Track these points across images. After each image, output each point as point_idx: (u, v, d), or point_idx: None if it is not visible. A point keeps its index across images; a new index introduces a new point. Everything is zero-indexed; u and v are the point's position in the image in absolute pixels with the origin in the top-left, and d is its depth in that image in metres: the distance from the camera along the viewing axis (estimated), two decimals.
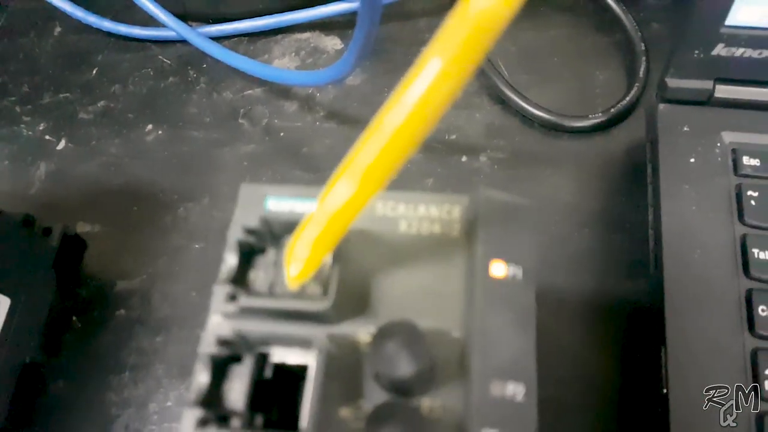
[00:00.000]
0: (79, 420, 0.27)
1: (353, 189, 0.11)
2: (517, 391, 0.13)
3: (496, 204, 0.14)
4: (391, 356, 0.12)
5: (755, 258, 0.24)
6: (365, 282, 0.14)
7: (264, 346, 0.14)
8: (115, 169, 0.32)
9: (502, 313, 0.13)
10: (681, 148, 0.26)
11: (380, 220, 0.15)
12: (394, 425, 0.11)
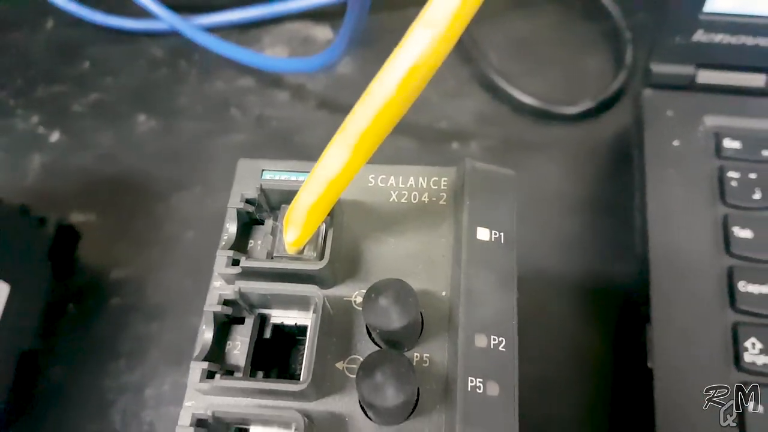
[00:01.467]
0: (77, 406, 0.28)
1: (347, 155, 0.12)
2: (499, 344, 0.14)
3: (480, 174, 0.15)
4: (383, 310, 0.13)
5: (736, 237, 0.26)
6: (358, 248, 0.16)
7: (264, 309, 0.15)
8: (108, 160, 0.33)
9: (485, 273, 0.15)
10: (665, 131, 0.28)
11: (372, 192, 0.16)
12: (385, 369, 0.13)
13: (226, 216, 0.15)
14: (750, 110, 0.28)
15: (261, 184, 0.15)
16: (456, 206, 0.16)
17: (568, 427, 0.26)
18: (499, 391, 0.14)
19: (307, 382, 0.13)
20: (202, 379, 0.13)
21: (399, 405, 0.13)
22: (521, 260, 0.29)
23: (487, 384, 0.14)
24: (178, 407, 0.27)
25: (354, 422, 0.14)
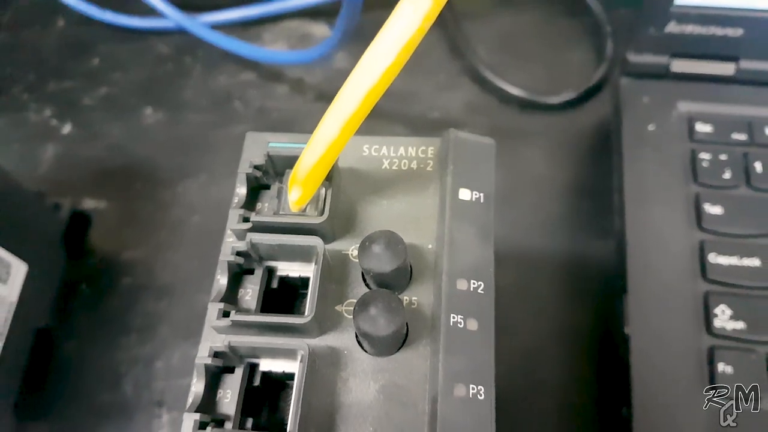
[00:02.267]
0: (90, 378, 0.30)
1: (345, 118, 0.15)
2: (478, 287, 0.16)
3: (463, 142, 0.18)
4: (376, 255, 0.15)
5: (707, 213, 0.28)
6: (354, 209, 0.18)
7: (272, 261, 0.17)
8: (117, 150, 0.35)
9: (467, 228, 0.17)
10: (641, 117, 0.30)
11: (366, 160, 0.18)
12: (378, 303, 0.15)
13: (236, 180, 0.17)
14: (721, 96, 0.30)
15: (268, 150, 0.17)
16: (441, 172, 0.18)
17: (555, 392, 0.28)
18: (477, 326, 0.16)
19: (311, 316, 0.15)
20: (219, 317, 0.15)
21: (390, 335, 0.15)
22: (507, 240, 0.31)
23: (467, 320, 0.16)
24: (187, 378, 0.29)
25: (351, 354, 0.16)
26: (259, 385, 0.16)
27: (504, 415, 0.25)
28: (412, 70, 0.35)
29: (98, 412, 0.29)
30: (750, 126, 0.29)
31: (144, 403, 0.29)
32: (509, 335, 0.29)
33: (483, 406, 0.15)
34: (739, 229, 0.27)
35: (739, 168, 0.29)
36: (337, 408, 0.15)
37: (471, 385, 0.15)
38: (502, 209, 0.27)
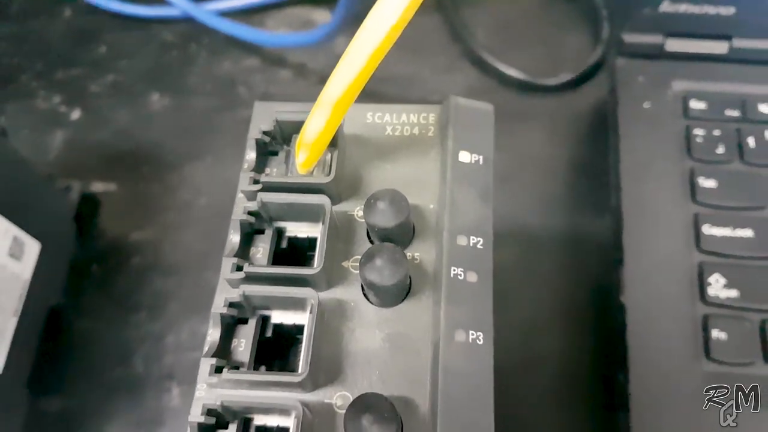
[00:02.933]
0: (101, 354, 0.31)
1: (350, 79, 0.16)
2: (477, 242, 0.17)
3: (463, 107, 0.19)
4: (381, 211, 0.16)
5: (701, 186, 0.29)
6: (359, 173, 0.19)
7: (281, 221, 0.18)
8: (125, 135, 0.36)
9: (467, 188, 0.18)
10: (637, 95, 0.31)
11: (370, 127, 0.19)
12: (383, 255, 0.16)
13: (246, 146, 0.18)
14: (714, 75, 0.31)
15: (276, 117, 0.18)
16: (442, 136, 0.19)
17: (554, 362, 0.29)
18: (477, 278, 0.17)
19: (320, 267, 0.16)
20: (233, 270, 0.16)
21: (395, 284, 0.16)
22: (508, 217, 0.32)
23: (467, 273, 0.17)
24: (195, 352, 0.30)
25: (357, 306, 0.17)
26: (271, 336, 0.17)
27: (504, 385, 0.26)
28: (412, 54, 0.36)
29: (110, 386, 0.30)
30: (743, 103, 0.30)
31: (155, 377, 0.30)
32: (509, 309, 0.30)
33: (483, 350, 0.16)
34: (732, 202, 0.28)
35: (732, 143, 0.30)
36: (345, 355, 0.16)
37: (471, 331, 0.16)
38: (502, 188, 0.28)
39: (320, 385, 0.16)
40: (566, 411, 0.28)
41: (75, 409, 0.30)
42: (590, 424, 0.28)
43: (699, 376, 0.26)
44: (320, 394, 0.16)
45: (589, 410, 0.28)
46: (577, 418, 0.28)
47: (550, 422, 0.28)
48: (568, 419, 0.28)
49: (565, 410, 0.28)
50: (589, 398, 0.28)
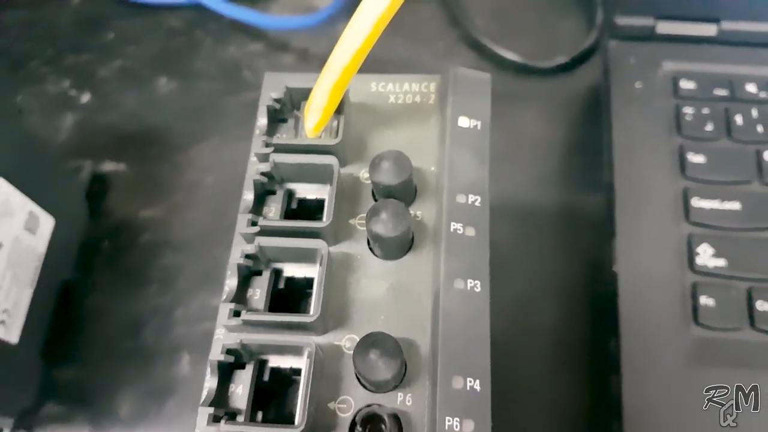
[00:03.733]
0: (113, 327, 0.32)
1: (357, 44, 0.17)
2: (475, 201, 0.18)
3: (462, 76, 0.20)
4: (385, 170, 0.18)
5: (690, 162, 0.30)
6: (364, 138, 0.20)
7: (292, 183, 0.19)
8: (134, 118, 0.37)
9: (465, 151, 0.19)
10: (628, 76, 0.32)
11: (374, 96, 0.21)
12: (388, 209, 0.17)
13: (257, 112, 0.20)
14: (703, 56, 0.33)
15: (286, 84, 0.19)
16: (442, 104, 0.20)
17: (548, 332, 0.31)
18: (474, 233, 0.18)
19: (328, 222, 0.17)
20: (248, 226, 0.18)
21: (399, 236, 0.17)
22: (505, 194, 0.34)
23: (465, 228, 0.18)
24: (204, 324, 0.32)
25: (364, 259, 0.18)
26: (283, 288, 0.18)
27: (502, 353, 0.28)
28: (412, 39, 0.38)
29: (121, 357, 0.32)
30: (731, 83, 0.32)
31: (165, 348, 0.31)
32: (505, 281, 0.31)
33: (479, 297, 0.17)
34: (720, 177, 0.30)
35: (720, 121, 0.31)
36: (352, 303, 0.18)
37: (468, 280, 0.17)
38: (499, 166, 0.29)
39: (330, 329, 0.17)
40: (561, 377, 0.29)
41: (87, 378, 0.31)
42: (584, 389, 0.29)
43: (687, 340, 0.27)
44: (330, 337, 0.17)
45: (584, 375, 0.29)
46: (571, 383, 0.29)
47: (546, 388, 0.29)
48: (563, 384, 0.29)
49: (560, 376, 0.29)
50: (583, 364, 0.30)
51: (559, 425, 0.28)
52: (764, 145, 0.30)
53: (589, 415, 0.28)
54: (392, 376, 0.16)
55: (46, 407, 0.31)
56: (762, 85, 0.32)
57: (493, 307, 0.18)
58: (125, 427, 0.30)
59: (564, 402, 0.29)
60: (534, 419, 0.29)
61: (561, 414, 0.29)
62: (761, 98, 0.31)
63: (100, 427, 0.31)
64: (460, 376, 0.16)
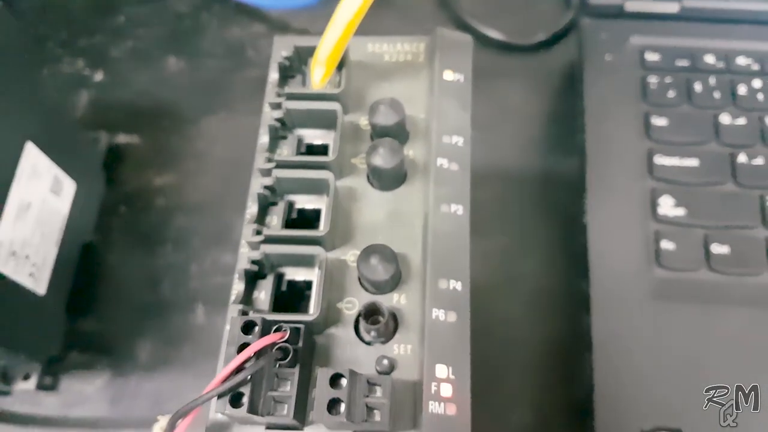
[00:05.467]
0: (132, 283, 0.35)
1: (356, 5, 0.20)
2: (458, 141, 0.22)
3: (447, 37, 0.23)
4: (382, 112, 0.21)
5: (654, 125, 0.34)
6: (363, 91, 0.24)
7: (302, 128, 0.23)
8: (145, 94, 0.41)
9: (449, 100, 0.23)
10: (600, 49, 0.36)
11: (371, 55, 0.24)
12: (384, 144, 0.20)
13: (269, 69, 0.23)
14: (667, 31, 0.36)
15: (295, 43, 0.23)
16: (430, 61, 0.24)
17: (527, 279, 0.34)
18: (458, 167, 0.21)
19: (335, 156, 0.21)
20: (264, 163, 0.21)
21: (395, 167, 0.20)
22: (488, 161, 0.37)
23: (450, 164, 0.21)
24: (217, 278, 0.35)
25: (364, 191, 0.22)
26: (296, 217, 0.22)
27: (486, 298, 0.31)
28: (402, 20, 0.41)
29: (140, 309, 0.35)
30: (691, 54, 0.35)
31: (181, 300, 0.35)
32: (491, 236, 0.35)
33: (461, 218, 0.21)
34: (680, 137, 0.33)
35: (682, 89, 0.35)
36: (355, 227, 0.21)
37: (452, 204, 0.21)
38: (483, 135, 0.33)
39: (336, 246, 0.21)
40: (540, 316, 0.33)
41: (108, 329, 0.35)
42: (560, 326, 0.32)
43: (650, 280, 0.31)
44: (337, 253, 0.21)
45: (559, 315, 0.33)
46: (548, 321, 0.33)
47: (526, 327, 0.33)
48: (541, 323, 0.33)
49: (538, 316, 0.33)
50: (559, 305, 0.33)
51: (537, 357, 0.32)
52: (720, 110, 0.34)
53: (564, 348, 0.32)
54: (390, 277, 0.19)
55: (70, 356, 0.34)
56: (719, 57, 0.35)
57: (479, 258, 0.22)
58: (144, 372, 0.34)
59: (542, 337, 0.32)
60: (516, 353, 0.32)
61: (539, 348, 0.32)
62: (718, 68, 0.35)
63: (121, 372, 0.34)
64: (445, 279, 0.19)
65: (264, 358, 0.16)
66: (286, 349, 0.17)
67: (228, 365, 0.16)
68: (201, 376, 0.32)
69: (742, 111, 0.34)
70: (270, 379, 0.17)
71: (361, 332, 0.19)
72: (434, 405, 0.18)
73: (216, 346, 0.21)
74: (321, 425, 0.18)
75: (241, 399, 0.16)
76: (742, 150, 0.33)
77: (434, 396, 0.18)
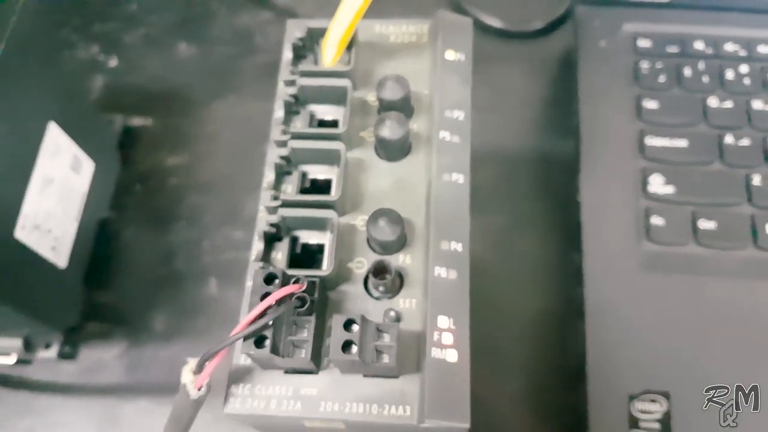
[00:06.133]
0: (147, 257, 0.37)
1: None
2: (459, 116, 0.24)
3: (449, 19, 0.25)
4: (389, 88, 0.23)
5: (645, 108, 0.35)
6: (370, 69, 0.25)
7: (314, 104, 0.24)
8: (158, 79, 0.42)
9: (451, 77, 0.24)
10: (594, 36, 0.38)
11: (378, 36, 0.26)
12: (391, 116, 0.22)
13: (283, 49, 0.25)
14: (658, 18, 0.38)
15: (308, 25, 0.25)
16: (433, 42, 0.25)
17: (526, 254, 0.36)
18: (459, 139, 0.23)
19: (345, 128, 0.23)
20: (280, 135, 0.23)
21: (400, 138, 0.22)
22: (488, 142, 0.39)
23: (452, 136, 0.23)
24: (229, 253, 0.37)
25: (372, 161, 0.23)
26: (309, 186, 0.23)
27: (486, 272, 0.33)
28: (405, 7, 0.43)
29: (155, 281, 0.37)
30: (681, 41, 0.37)
31: (194, 273, 0.36)
32: (491, 214, 0.36)
33: (462, 187, 0.22)
34: (671, 119, 0.35)
35: (672, 73, 0.36)
36: (364, 194, 0.23)
37: (453, 173, 0.22)
38: (484, 117, 0.34)
39: (347, 212, 0.22)
40: (537, 288, 0.35)
41: (125, 301, 0.36)
42: (555, 297, 0.34)
43: (640, 253, 0.32)
44: (347, 218, 0.22)
45: (555, 286, 0.35)
46: (545, 292, 0.35)
47: (524, 297, 0.35)
48: (538, 294, 0.35)
49: (535, 287, 0.35)
50: (555, 277, 0.35)
51: (533, 326, 0.34)
52: (709, 94, 0.36)
53: (559, 318, 0.34)
54: (396, 237, 0.21)
55: (88, 326, 0.36)
56: (708, 43, 0.37)
57: (479, 235, 0.24)
58: (159, 341, 0.35)
59: (538, 308, 0.34)
60: (513, 322, 0.34)
61: (535, 318, 0.34)
62: (707, 54, 0.37)
63: (137, 342, 0.36)
64: (447, 240, 0.21)
65: (284, 306, 0.18)
66: (304, 298, 0.19)
67: (252, 311, 0.18)
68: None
69: (729, 94, 0.36)
70: (289, 325, 0.19)
71: (370, 288, 0.21)
72: (437, 351, 0.19)
73: (228, 316, 0.22)
74: (333, 370, 0.20)
75: (264, 341, 0.18)
76: (729, 131, 0.35)
77: (437, 343, 0.19)
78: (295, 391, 0.20)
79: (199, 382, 0.18)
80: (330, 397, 0.20)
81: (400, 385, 0.20)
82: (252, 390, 0.20)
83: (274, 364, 0.19)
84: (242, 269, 0.33)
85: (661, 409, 0.29)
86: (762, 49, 0.37)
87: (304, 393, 0.20)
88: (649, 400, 0.30)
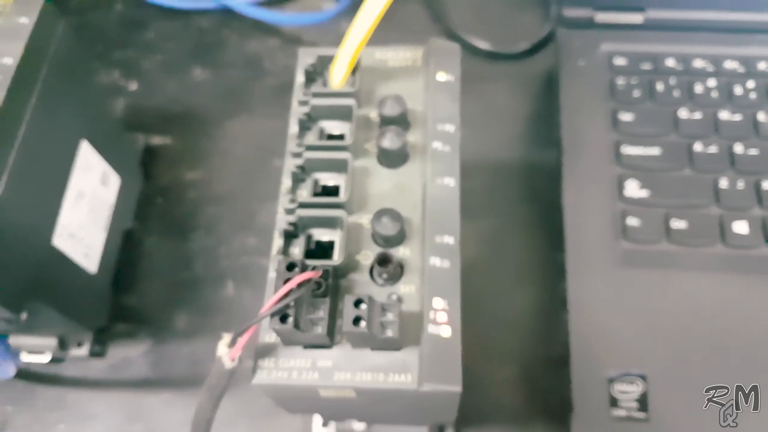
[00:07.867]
0: (167, 263, 0.41)
1: (375, 13, 0.26)
2: (450, 128, 0.27)
3: (440, 46, 0.29)
4: (388, 105, 0.27)
5: (621, 120, 0.39)
6: (371, 90, 0.29)
7: (325, 120, 0.28)
8: (175, 101, 0.46)
9: (442, 95, 0.28)
10: (574, 55, 0.42)
11: (377, 61, 0.30)
12: (391, 129, 0.26)
13: (296, 73, 0.29)
14: (633, 38, 0.42)
15: (318, 53, 0.28)
16: (426, 65, 0.29)
17: (514, 255, 0.40)
18: (449, 149, 0.27)
19: (351, 140, 0.26)
20: (295, 144, 0.27)
21: (399, 148, 0.26)
22: (478, 152, 0.43)
23: (444, 146, 0.27)
24: (244, 258, 0.40)
25: (374, 169, 0.27)
26: (321, 191, 0.27)
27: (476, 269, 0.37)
28: (399, 33, 0.47)
29: (176, 285, 0.40)
30: (654, 59, 0.41)
31: (213, 277, 0.40)
32: (480, 220, 0.40)
33: (453, 189, 0.26)
34: (644, 130, 0.39)
35: (645, 89, 0.40)
36: (368, 196, 0.27)
37: (445, 177, 0.26)
38: (474, 130, 0.38)
39: (354, 212, 0.26)
40: (524, 285, 0.39)
41: (149, 303, 0.40)
42: (541, 292, 0.38)
43: (618, 251, 0.36)
44: (354, 217, 0.26)
45: (540, 284, 0.38)
46: (531, 288, 0.38)
47: (512, 294, 0.38)
48: (525, 290, 0.38)
49: (523, 284, 0.39)
50: (540, 275, 0.39)
51: (521, 318, 0.37)
52: (679, 106, 0.40)
53: (544, 310, 0.37)
54: (397, 232, 0.24)
55: (116, 326, 0.40)
56: (679, 60, 0.41)
57: (471, 238, 0.27)
58: (181, 339, 0.39)
59: (525, 301, 0.38)
60: (503, 315, 0.37)
61: (523, 310, 0.38)
62: (678, 70, 0.41)
63: (161, 340, 0.39)
64: (440, 234, 0.25)
65: (303, 288, 0.22)
66: (320, 282, 0.23)
67: (276, 293, 0.22)
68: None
69: (698, 107, 0.40)
70: (308, 306, 0.23)
71: (375, 276, 0.25)
72: (433, 327, 0.23)
73: (244, 315, 0.25)
74: (345, 345, 0.23)
75: (288, 318, 0.22)
76: (698, 140, 0.39)
77: (432, 320, 0.23)
78: (313, 363, 0.23)
79: (233, 354, 0.22)
80: (343, 367, 0.23)
81: (402, 356, 0.23)
82: (276, 363, 0.23)
83: (296, 338, 0.23)
84: (256, 272, 0.37)
85: (639, 390, 0.33)
86: (728, 64, 0.41)
87: (321, 365, 0.23)
88: (628, 382, 0.33)
